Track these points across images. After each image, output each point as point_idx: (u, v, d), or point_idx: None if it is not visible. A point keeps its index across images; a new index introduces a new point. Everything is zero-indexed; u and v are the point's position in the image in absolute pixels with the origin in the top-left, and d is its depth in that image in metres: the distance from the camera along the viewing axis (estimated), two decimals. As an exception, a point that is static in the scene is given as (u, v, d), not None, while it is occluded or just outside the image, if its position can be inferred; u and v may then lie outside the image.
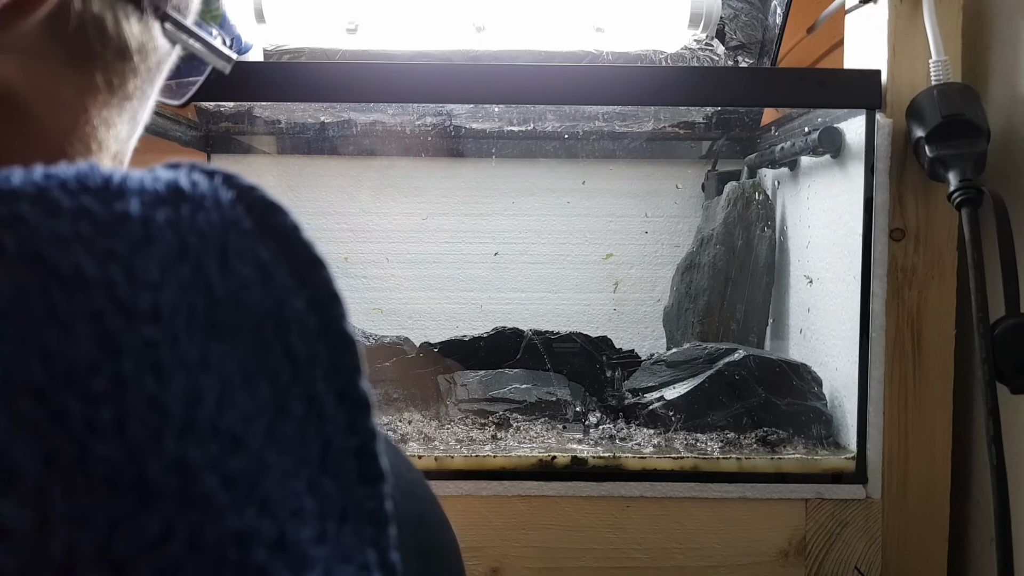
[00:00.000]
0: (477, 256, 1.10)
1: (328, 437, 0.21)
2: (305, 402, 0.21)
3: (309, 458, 0.20)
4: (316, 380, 0.21)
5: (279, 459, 0.20)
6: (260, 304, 0.21)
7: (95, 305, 0.18)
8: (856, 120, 0.73)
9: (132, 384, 0.18)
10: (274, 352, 0.20)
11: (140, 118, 0.31)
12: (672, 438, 0.76)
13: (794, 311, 0.93)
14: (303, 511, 0.20)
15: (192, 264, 0.20)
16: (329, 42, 0.90)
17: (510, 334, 0.90)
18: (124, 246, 0.19)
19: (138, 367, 0.18)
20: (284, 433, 0.20)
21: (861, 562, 0.69)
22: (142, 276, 0.19)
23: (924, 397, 0.69)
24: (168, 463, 0.18)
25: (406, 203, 1.09)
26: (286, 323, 0.21)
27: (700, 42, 0.90)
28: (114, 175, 0.20)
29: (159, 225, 0.20)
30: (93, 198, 0.19)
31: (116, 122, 0.29)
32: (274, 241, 0.22)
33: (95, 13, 0.26)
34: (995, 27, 0.69)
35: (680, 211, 1.11)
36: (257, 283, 0.21)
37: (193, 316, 0.19)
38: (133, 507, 0.17)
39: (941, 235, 0.69)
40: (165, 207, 0.20)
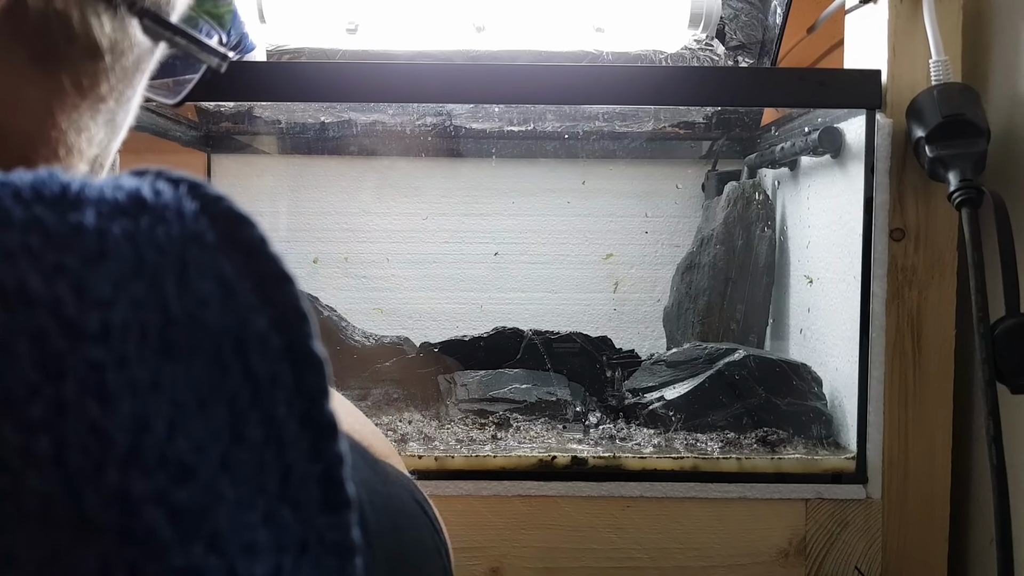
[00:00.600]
0: (477, 256, 1.10)
1: (288, 464, 0.20)
2: (264, 427, 0.19)
3: (267, 487, 0.19)
4: (278, 403, 0.20)
5: (233, 489, 0.18)
6: (219, 323, 0.19)
7: (38, 324, 0.17)
8: (856, 120, 0.73)
9: (73, 410, 0.17)
10: (232, 374, 0.19)
11: (121, 120, 0.30)
12: (672, 438, 0.76)
13: (794, 311, 0.93)
14: (257, 545, 0.18)
15: (147, 280, 0.19)
16: (329, 42, 0.90)
17: (510, 334, 0.90)
18: (75, 261, 0.18)
19: (81, 391, 0.17)
20: (240, 461, 0.19)
21: (861, 562, 0.69)
22: (92, 293, 0.18)
23: (924, 397, 0.69)
24: (108, 496, 0.17)
25: (406, 203, 1.09)
26: (246, 343, 0.20)
27: (700, 42, 0.90)
28: (72, 183, 0.19)
29: (115, 238, 0.19)
30: (46, 208, 0.18)
31: (89, 125, 0.28)
32: (238, 255, 0.20)
33: (58, 10, 0.25)
34: (995, 27, 0.69)
35: (680, 211, 1.11)
36: (217, 300, 0.19)
37: (146, 336, 0.18)
38: (67, 544, 0.16)
39: (941, 235, 0.69)
40: (123, 219, 0.19)
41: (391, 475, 0.31)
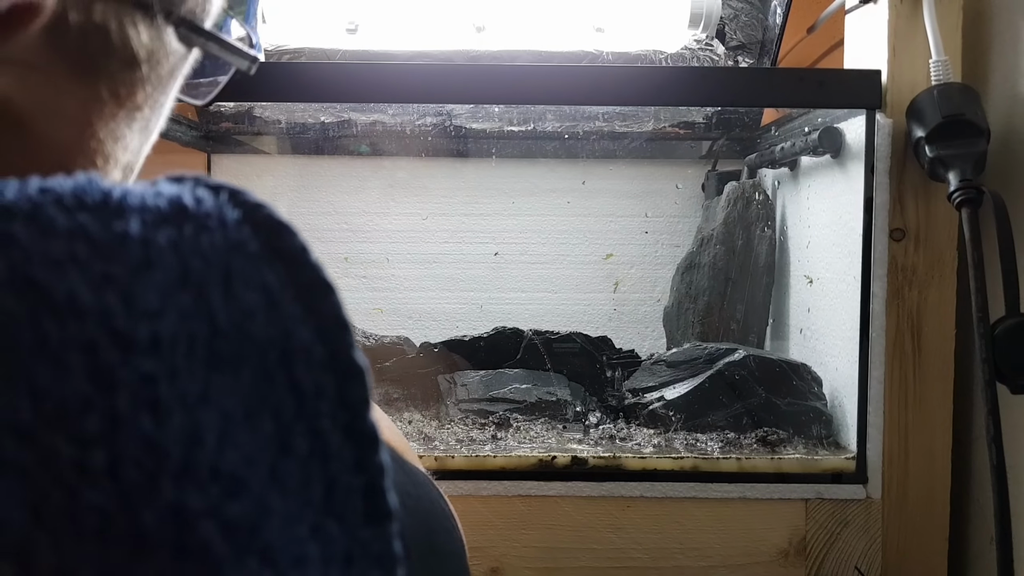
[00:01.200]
0: (477, 256, 1.10)
1: (333, 476, 0.20)
2: (310, 438, 0.19)
3: (313, 499, 0.19)
4: (322, 415, 0.20)
5: (282, 502, 0.18)
6: (265, 333, 0.19)
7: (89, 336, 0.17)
8: (856, 120, 0.73)
9: (127, 423, 0.16)
10: (278, 385, 0.19)
11: (153, 127, 0.30)
12: (672, 438, 0.76)
13: (794, 311, 0.93)
14: (306, 558, 0.18)
15: (194, 290, 0.18)
16: (329, 42, 0.90)
17: (510, 334, 0.90)
18: (122, 270, 0.18)
19: (134, 404, 0.17)
20: (287, 473, 0.19)
21: (861, 562, 0.69)
22: (141, 304, 0.17)
23: (924, 397, 0.69)
24: (164, 511, 0.16)
25: (406, 203, 1.09)
26: (291, 353, 0.19)
27: (700, 42, 0.90)
28: (114, 191, 0.19)
29: (160, 247, 0.18)
30: (91, 216, 0.18)
31: (125, 134, 0.28)
32: (281, 264, 0.20)
33: (97, 23, 0.25)
34: (995, 27, 0.69)
35: (680, 211, 1.11)
36: (262, 310, 0.19)
37: (194, 347, 0.18)
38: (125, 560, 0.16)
39: (941, 235, 0.69)
40: (167, 227, 0.19)
41: (419, 476, 0.31)
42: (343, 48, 0.90)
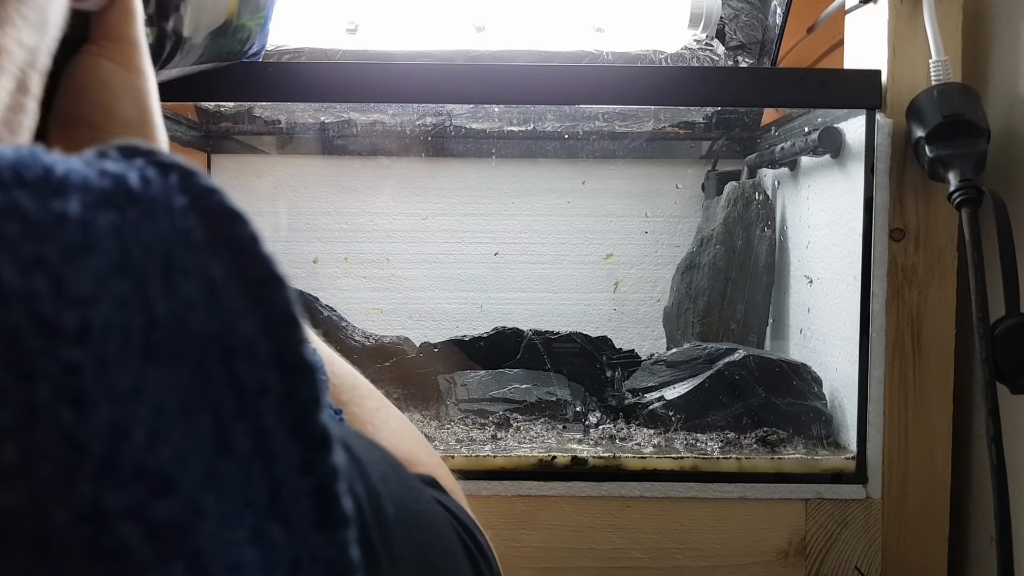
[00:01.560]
0: (477, 256, 1.10)
1: (278, 477, 0.18)
2: (252, 438, 0.18)
3: (255, 502, 0.18)
4: (265, 413, 0.19)
5: (217, 504, 0.17)
6: (205, 327, 0.18)
7: (11, 321, 0.16)
8: (856, 120, 0.73)
9: (45, 416, 0.15)
10: (218, 381, 0.18)
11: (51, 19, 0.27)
12: (672, 438, 0.76)
13: (794, 311, 0.93)
14: (243, 564, 0.17)
15: (132, 279, 0.17)
16: (329, 42, 0.90)
17: (510, 334, 0.90)
18: (56, 253, 0.17)
19: (55, 396, 0.16)
20: (225, 474, 0.18)
21: (861, 562, 0.69)
22: (72, 289, 0.16)
23: (924, 397, 0.69)
24: (79, 510, 0.15)
25: (406, 203, 1.09)
26: (233, 348, 0.18)
27: (700, 42, 0.90)
28: (56, 166, 0.18)
29: (100, 231, 0.17)
30: (28, 193, 0.17)
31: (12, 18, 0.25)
32: (228, 255, 0.19)
33: None
34: (995, 27, 0.69)
35: (680, 211, 1.11)
36: (203, 303, 0.18)
37: (128, 338, 0.17)
38: (33, 564, 0.15)
39: (941, 235, 0.69)
40: (109, 210, 0.18)
41: (427, 495, 0.29)
42: (343, 48, 0.90)
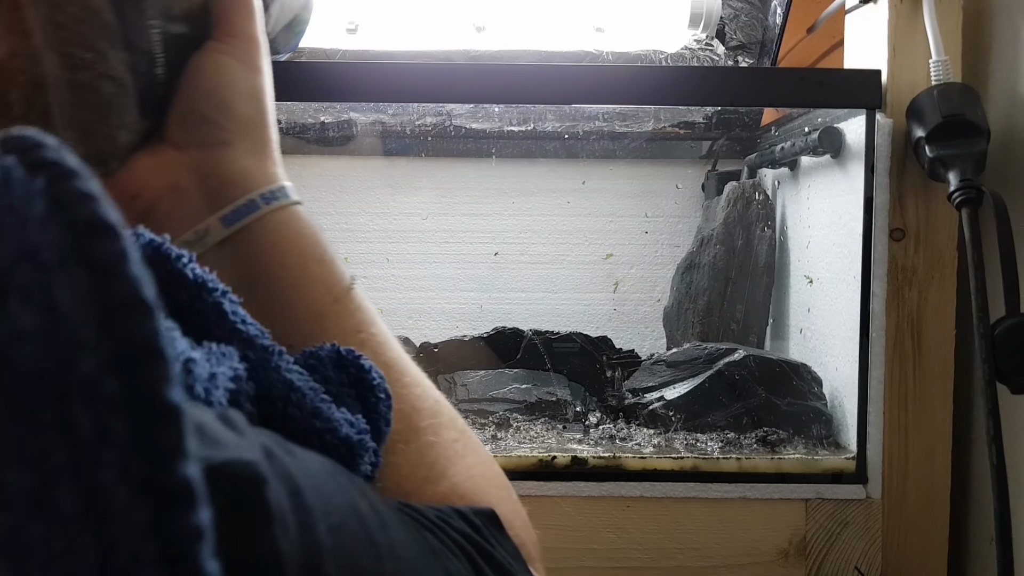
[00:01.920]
0: (477, 256, 1.10)
1: (112, 541, 0.15)
2: (80, 496, 0.15)
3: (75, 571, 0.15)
4: (104, 465, 0.16)
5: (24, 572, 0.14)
6: (34, 362, 0.16)
7: None
8: (856, 120, 0.73)
9: None
10: (44, 428, 0.15)
11: None
12: (672, 438, 0.76)
13: (794, 311, 0.93)
14: None
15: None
16: (329, 42, 0.90)
17: (510, 334, 0.90)
18: None
19: None
20: (35, 539, 0.15)
21: (861, 562, 0.69)
22: None
23: (924, 397, 0.69)
24: None
25: (406, 203, 1.09)
26: (68, 388, 0.16)
27: (700, 42, 0.90)
28: None
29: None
30: None
31: None
32: (86, 275, 0.16)
33: None
34: (995, 27, 0.69)
35: (680, 211, 1.11)
36: (36, 334, 0.16)
37: None
38: None
39: (941, 235, 0.69)
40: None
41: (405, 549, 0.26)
42: (343, 48, 0.90)
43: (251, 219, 0.36)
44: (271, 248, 0.36)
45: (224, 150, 0.37)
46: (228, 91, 0.38)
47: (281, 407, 0.26)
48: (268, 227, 0.37)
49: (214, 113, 0.37)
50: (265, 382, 0.26)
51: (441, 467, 0.35)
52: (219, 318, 0.25)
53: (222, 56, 0.38)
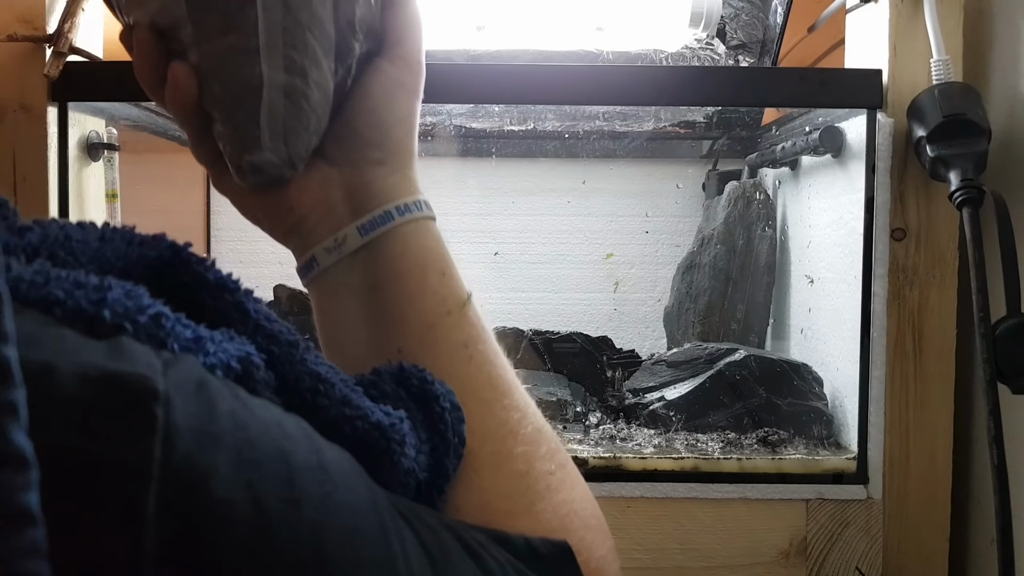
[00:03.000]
0: (477, 256, 1.10)
1: None
2: None
3: None
4: None
5: None
6: None
7: None
8: (857, 120, 0.73)
9: None
10: None
11: None
12: (673, 438, 0.76)
13: (795, 311, 0.93)
14: None
15: None
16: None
17: (510, 334, 0.90)
18: None
19: None
20: None
21: (862, 562, 0.69)
22: None
23: (925, 397, 0.69)
24: None
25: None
26: None
27: (700, 41, 0.90)
28: None
29: None
30: None
31: None
32: None
33: None
34: (996, 27, 0.69)
35: (680, 211, 1.11)
36: None
37: None
38: None
39: (942, 235, 0.68)
40: None
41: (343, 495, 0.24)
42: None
43: (385, 229, 0.38)
44: (397, 257, 0.38)
45: (375, 168, 0.39)
46: (389, 114, 0.39)
47: (310, 398, 0.26)
48: (398, 238, 0.38)
49: (374, 134, 0.38)
50: (292, 375, 0.26)
51: (528, 500, 0.35)
52: (242, 316, 0.26)
53: (390, 79, 0.39)
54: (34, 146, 0.67)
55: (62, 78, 0.66)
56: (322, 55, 0.36)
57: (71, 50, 0.66)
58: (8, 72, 0.67)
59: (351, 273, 0.37)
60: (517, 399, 0.38)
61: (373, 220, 0.38)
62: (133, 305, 0.21)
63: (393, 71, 0.39)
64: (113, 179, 0.82)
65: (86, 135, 0.76)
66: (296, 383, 0.26)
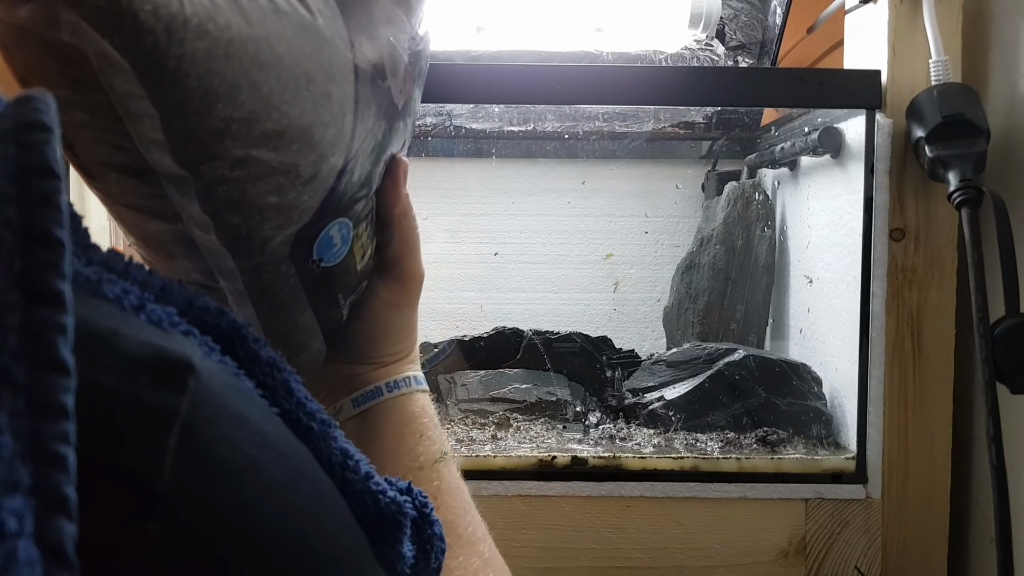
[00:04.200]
0: (477, 256, 1.10)
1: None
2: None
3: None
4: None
5: None
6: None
7: None
8: (856, 120, 0.73)
9: None
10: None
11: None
12: (672, 438, 0.76)
13: (794, 311, 0.93)
14: None
15: None
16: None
17: (510, 334, 0.90)
18: None
19: None
20: None
21: (861, 562, 0.69)
22: None
23: (924, 397, 0.69)
24: None
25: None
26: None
27: (700, 42, 0.90)
28: None
29: None
30: None
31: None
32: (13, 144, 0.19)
33: None
34: (995, 27, 0.69)
35: (680, 211, 1.11)
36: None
37: None
38: None
39: (941, 235, 0.69)
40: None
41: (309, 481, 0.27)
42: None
43: (375, 403, 0.45)
44: (382, 422, 0.45)
45: (369, 365, 0.45)
46: (382, 331, 0.45)
47: (340, 472, 0.30)
48: (387, 408, 0.45)
49: (367, 348, 0.45)
50: (327, 450, 0.30)
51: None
52: (287, 393, 0.29)
53: (382, 302, 0.45)
54: (35, 146, 0.67)
55: (63, 78, 0.66)
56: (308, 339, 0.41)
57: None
58: (10, 73, 0.67)
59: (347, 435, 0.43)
60: (483, 550, 0.44)
61: (365, 394, 0.45)
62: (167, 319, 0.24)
63: (386, 293, 0.45)
64: (114, 179, 0.82)
65: (87, 135, 0.76)
66: (329, 458, 0.29)
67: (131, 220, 0.35)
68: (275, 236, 0.35)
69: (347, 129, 0.35)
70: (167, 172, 0.30)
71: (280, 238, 0.35)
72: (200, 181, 0.31)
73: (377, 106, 0.37)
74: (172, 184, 0.31)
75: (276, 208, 0.33)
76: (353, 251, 0.41)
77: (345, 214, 0.38)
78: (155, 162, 0.30)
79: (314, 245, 0.37)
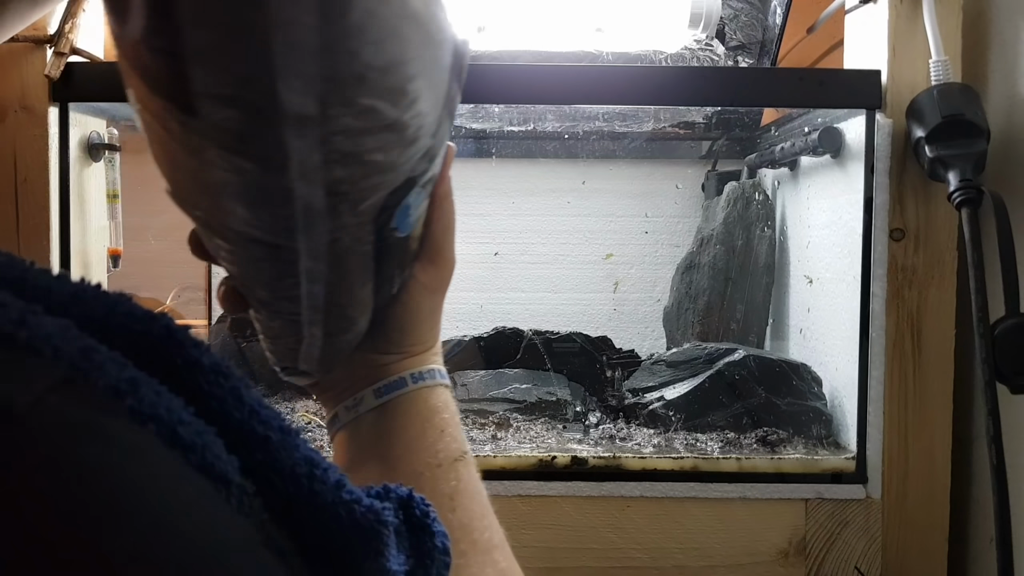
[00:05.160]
0: (477, 256, 1.10)
1: None
2: None
3: None
4: None
5: None
6: None
7: None
8: (856, 120, 0.73)
9: None
10: None
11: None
12: (672, 438, 0.76)
13: (794, 311, 0.93)
14: None
15: None
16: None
17: (510, 334, 0.90)
18: None
19: None
20: None
21: (861, 562, 0.69)
22: None
23: (924, 397, 0.69)
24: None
25: (406, 203, 1.09)
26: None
27: (700, 42, 0.90)
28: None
29: None
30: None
31: None
32: None
33: None
34: (995, 27, 0.69)
35: (680, 211, 1.11)
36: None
37: None
38: None
39: (941, 235, 0.69)
40: None
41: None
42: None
43: (398, 394, 0.43)
44: (403, 414, 0.43)
45: (397, 355, 0.44)
46: (415, 317, 0.43)
47: (307, 483, 0.26)
48: (409, 400, 0.43)
49: (398, 336, 0.43)
50: (289, 461, 0.26)
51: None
52: (237, 401, 0.26)
53: (419, 285, 0.44)
54: (35, 147, 0.68)
55: (63, 78, 0.66)
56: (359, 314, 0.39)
57: (72, 51, 0.67)
58: (9, 72, 0.67)
59: (366, 428, 0.42)
60: (498, 558, 0.41)
61: (388, 385, 0.43)
62: (58, 334, 0.21)
63: (423, 277, 0.44)
64: (114, 179, 0.82)
65: (87, 135, 0.76)
66: (292, 469, 0.26)
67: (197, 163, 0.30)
68: (369, 196, 0.33)
69: (442, 97, 0.35)
70: (297, 111, 0.28)
71: (372, 199, 0.34)
72: (326, 126, 0.29)
73: (458, 83, 0.37)
74: (294, 126, 0.28)
75: (379, 167, 0.32)
76: (417, 225, 0.40)
77: (419, 183, 0.37)
78: (287, 99, 0.27)
79: (395, 211, 0.36)
